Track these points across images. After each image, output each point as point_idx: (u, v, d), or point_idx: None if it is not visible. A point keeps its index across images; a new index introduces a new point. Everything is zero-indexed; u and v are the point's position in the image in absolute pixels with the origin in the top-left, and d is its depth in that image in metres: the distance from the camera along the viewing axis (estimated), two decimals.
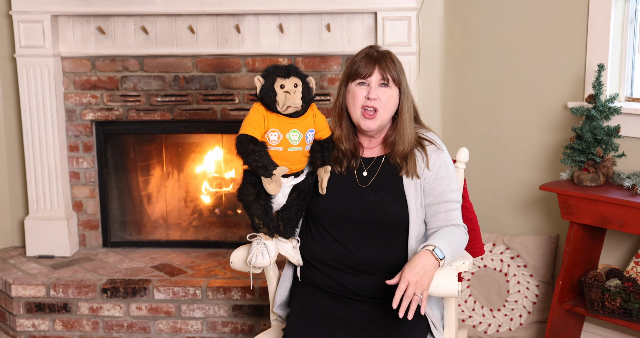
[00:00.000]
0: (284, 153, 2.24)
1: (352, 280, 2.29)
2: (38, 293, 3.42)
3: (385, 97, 2.26)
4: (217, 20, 3.59)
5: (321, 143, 2.32)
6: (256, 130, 2.21)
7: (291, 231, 2.34)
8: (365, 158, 2.36)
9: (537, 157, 3.36)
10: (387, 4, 3.43)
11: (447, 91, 3.60)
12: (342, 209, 2.29)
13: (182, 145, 3.93)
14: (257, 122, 2.22)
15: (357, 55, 2.31)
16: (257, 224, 2.27)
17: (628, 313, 2.85)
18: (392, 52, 2.33)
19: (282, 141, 2.23)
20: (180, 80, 3.67)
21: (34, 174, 3.73)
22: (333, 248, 2.30)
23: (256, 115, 2.23)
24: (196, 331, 3.40)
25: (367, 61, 2.27)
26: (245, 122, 2.23)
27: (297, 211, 2.33)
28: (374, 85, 2.26)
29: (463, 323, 3.41)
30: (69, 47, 3.68)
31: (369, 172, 2.33)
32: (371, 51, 2.30)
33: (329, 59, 3.58)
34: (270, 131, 2.22)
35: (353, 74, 2.28)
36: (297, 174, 2.32)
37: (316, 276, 2.34)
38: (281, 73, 2.22)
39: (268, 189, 2.19)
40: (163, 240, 3.94)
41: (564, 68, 3.22)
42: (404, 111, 2.30)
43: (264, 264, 2.27)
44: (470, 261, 2.28)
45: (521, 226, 3.46)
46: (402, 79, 2.30)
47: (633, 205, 2.73)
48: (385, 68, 2.26)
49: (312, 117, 2.30)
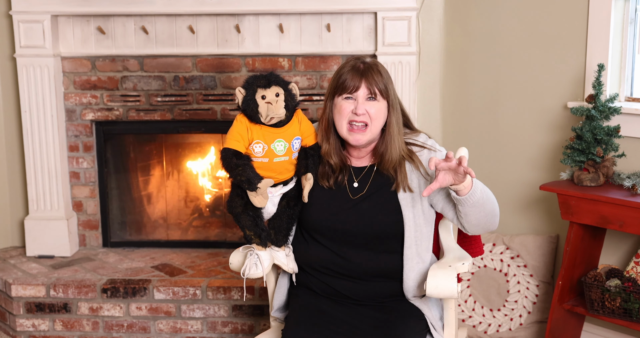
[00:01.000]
0: (269, 164, 2.22)
1: (347, 286, 2.28)
2: (38, 293, 3.42)
3: (373, 111, 2.21)
4: (217, 20, 3.59)
5: (306, 150, 2.28)
6: (239, 143, 2.18)
7: (283, 239, 2.31)
8: (355, 168, 2.33)
9: (537, 157, 3.36)
10: (387, 4, 3.43)
11: (447, 91, 3.60)
12: (334, 222, 2.27)
13: (182, 145, 3.93)
14: (240, 135, 2.19)
15: (342, 67, 2.25)
16: (248, 235, 2.25)
17: (628, 313, 2.85)
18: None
19: (267, 152, 2.21)
20: (180, 80, 3.67)
21: (34, 174, 3.73)
22: (327, 256, 2.29)
23: (239, 127, 2.20)
24: (196, 331, 3.39)
25: (354, 75, 2.21)
26: (229, 135, 2.21)
27: (288, 219, 2.30)
28: (361, 100, 2.21)
29: (463, 323, 3.41)
30: (69, 47, 3.68)
31: (360, 183, 2.30)
32: (357, 63, 2.24)
33: (329, 59, 3.58)
34: (255, 143, 2.20)
35: (339, 87, 2.23)
36: (286, 182, 2.29)
37: (311, 282, 2.33)
38: (261, 83, 2.18)
39: (254, 202, 2.18)
40: (163, 240, 3.94)
41: (564, 68, 3.22)
42: (392, 123, 2.26)
43: (258, 275, 2.25)
44: (469, 262, 2.28)
45: (521, 226, 3.46)
46: (390, 90, 2.25)
47: (633, 205, 2.73)
48: (372, 81, 2.21)
49: (297, 124, 2.26)
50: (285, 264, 2.31)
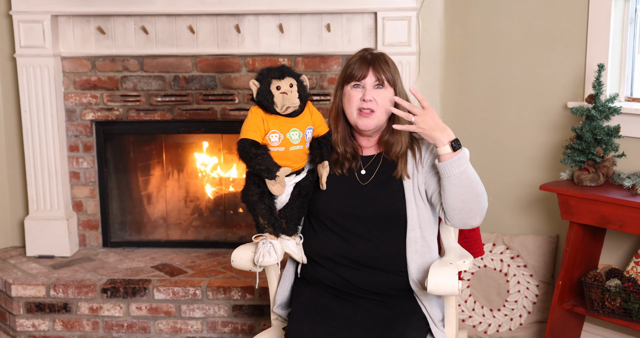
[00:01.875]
0: (285, 153, 2.27)
1: (354, 274, 2.31)
2: (38, 293, 3.42)
3: (380, 98, 2.30)
4: (217, 20, 3.59)
5: (319, 140, 2.35)
6: (256, 133, 2.23)
7: (294, 229, 2.37)
8: (363, 157, 2.41)
9: (537, 157, 3.36)
10: (387, 4, 3.43)
11: (447, 91, 3.60)
12: (342, 206, 2.33)
13: (182, 145, 3.93)
14: (256, 126, 2.24)
15: (351, 58, 2.36)
16: (262, 224, 2.30)
17: (628, 313, 2.85)
18: (387, 53, 2.36)
19: (283, 141, 2.26)
20: (180, 80, 3.67)
21: (34, 174, 3.73)
22: (335, 243, 2.33)
23: (255, 118, 2.25)
24: (196, 331, 3.40)
25: (361, 64, 2.31)
26: (245, 127, 2.25)
27: (299, 209, 2.36)
28: (369, 87, 2.30)
29: (463, 323, 3.41)
30: (69, 47, 3.68)
31: (367, 170, 2.37)
32: (365, 54, 2.34)
33: (329, 59, 3.58)
34: (271, 133, 2.25)
35: (348, 76, 2.32)
36: (298, 172, 2.35)
37: (319, 273, 2.36)
38: (276, 75, 2.25)
39: (272, 190, 2.24)
40: (163, 240, 3.94)
41: (564, 68, 3.22)
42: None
43: (272, 262, 2.30)
44: (470, 260, 2.29)
45: (521, 226, 3.46)
46: (397, 80, 2.34)
47: (633, 205, 2.73)
48: (380, 70, 2.30)
49: (309, 115, 2.32)
50: (296, 253, 2.36)
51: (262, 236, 2.31)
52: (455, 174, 2.18)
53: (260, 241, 2.31)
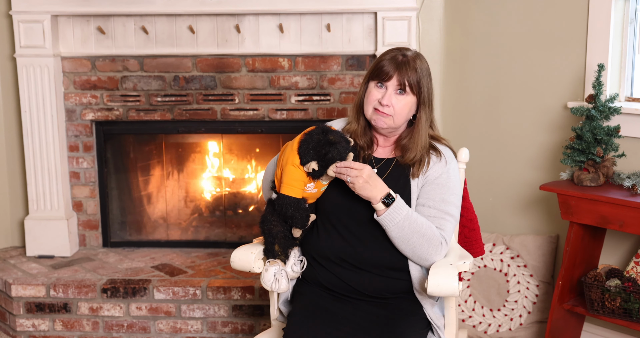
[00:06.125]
0: (317, 194, 2.33)
1: (355, 278, 2.30)
2: (38, 293, 3.42)
3: (399, 105, 2.27)
4: (217, 20, 3.59)
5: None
6: (301, 190, 2.28)
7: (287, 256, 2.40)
8: (376, 158, 2.39)
9: (537, 157, 3.36)
10: (387, 4, 3.43)
11: (447, 91, 3.60)
12: (349, 206, 2.31)
13: (182, 145, 3.93)
14: (303, 182, 2.28)
15: (384, 54, 2.32)
16: (276, 251, 2.33)
17: (628, 313, 2.85)
18: (421, 58, 2.30)
19: (316, 184, 2.31)
20: (180, 80, 3.67)
21: (34, 174, 3.73)
22: (338, 245, 2.32)
23: (301, 175, 2.27)
24: (196, 331, 3.40)
25: (390, 64, 2.27)
26: (293, 183, 2.27)
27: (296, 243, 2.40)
28: (390, 90, 2.27)
29: (463, 323, 3.41)
30: (69, 47, 3.68)
31: (378, 170, 2.35)
32: (397, 55, 2.29)
33: (329, 59, 3.58)
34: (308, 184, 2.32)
35: (375, 72, 2.30)
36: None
37: (320, 274, 2.36)
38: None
39: (295, 233, 2.32)
40: (163, 240, 3.94)
41: (564, 68, 3.22)
42: (422, 119, 2.32)
43: (284, 290, 2.32)
44: (470, 261, 2.29)
45: (521, 226, 3.46)
46: (423, 87, 2.29)
47: (633, 205, 2.73)
48: (405, 75, 2.26)
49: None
50: (295, 274, 2.39)
51: (276, 262, 2.33)
52: (393, 226, 2.20)
53: (272, 267, 2.33)
